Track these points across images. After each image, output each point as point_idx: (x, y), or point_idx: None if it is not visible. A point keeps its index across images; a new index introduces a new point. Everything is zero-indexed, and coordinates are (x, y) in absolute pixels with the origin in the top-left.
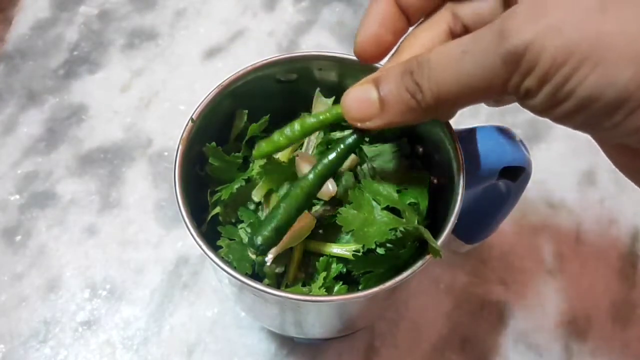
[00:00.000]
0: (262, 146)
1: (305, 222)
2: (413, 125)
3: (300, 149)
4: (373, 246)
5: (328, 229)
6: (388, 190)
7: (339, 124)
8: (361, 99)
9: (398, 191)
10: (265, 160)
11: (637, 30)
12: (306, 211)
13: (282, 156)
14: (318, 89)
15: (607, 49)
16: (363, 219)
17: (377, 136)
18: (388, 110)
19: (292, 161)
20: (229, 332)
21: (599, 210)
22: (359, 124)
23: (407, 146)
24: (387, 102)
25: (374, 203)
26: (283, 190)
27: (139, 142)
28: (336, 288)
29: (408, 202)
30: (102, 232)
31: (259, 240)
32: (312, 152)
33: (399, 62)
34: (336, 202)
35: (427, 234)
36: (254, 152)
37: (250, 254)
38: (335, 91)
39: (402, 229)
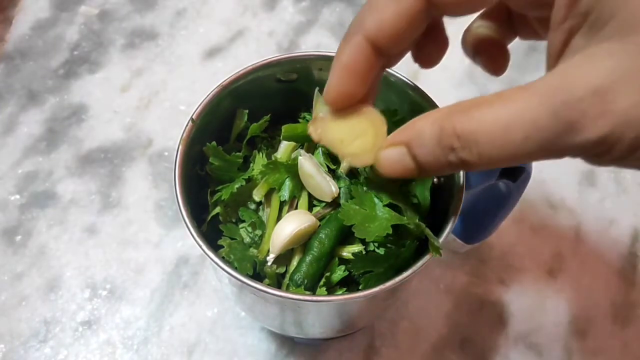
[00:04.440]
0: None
1: (308, 224)
2: None
3: (302, 148)
4: (373, 239)
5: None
6: (390, 188)
7: None
8: (396, 162)
9: (400, 191)
10: (267, 161)
11: None
12: (309, 213)
13: (282, 156)
14: (317, 89)
15: None
16: (365, 214)
17: None
18: (426, 172)
19: (293, 161)
20: (229, 332)
21: (598, 210)
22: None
23: None
24: (425, 167)
25: (376, 200)
26: (284, 189)
27: (139, 142)
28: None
29: (410, 203)
30: (102, 232)
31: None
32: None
33: (428, 119)
34: (338, 203)
35: (428, 231)
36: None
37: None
38: None
39: (403, 226)
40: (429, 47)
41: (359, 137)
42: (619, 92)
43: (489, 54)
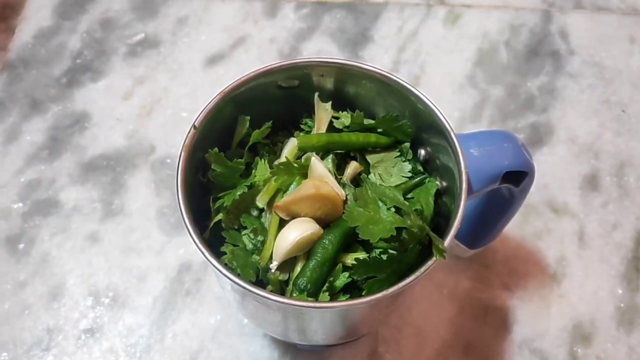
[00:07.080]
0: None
1: (311, 231)
2: (416, 130)
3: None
4: (376, 241)
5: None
6: (394, 193)
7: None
8: None
9: (404, 198)
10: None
11: None
12: (313, 221)
13: (288, 155)
14: (317, 94)
15: None
16: (369, 216)
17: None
18: None
19: (305, 162)
20: (231, 339)
21: (602, 214)
22: None
23: (410, 151)
24: None
25: (380, 203)
26: (291, 190)
27: (142, 149)
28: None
29: (413, 208)
30: (104, 239)
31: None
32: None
33: None
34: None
35: (432, 233)
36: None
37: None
38: (335, 96)
39: (406, 230)
40: None
41: None
42: None
43: None
